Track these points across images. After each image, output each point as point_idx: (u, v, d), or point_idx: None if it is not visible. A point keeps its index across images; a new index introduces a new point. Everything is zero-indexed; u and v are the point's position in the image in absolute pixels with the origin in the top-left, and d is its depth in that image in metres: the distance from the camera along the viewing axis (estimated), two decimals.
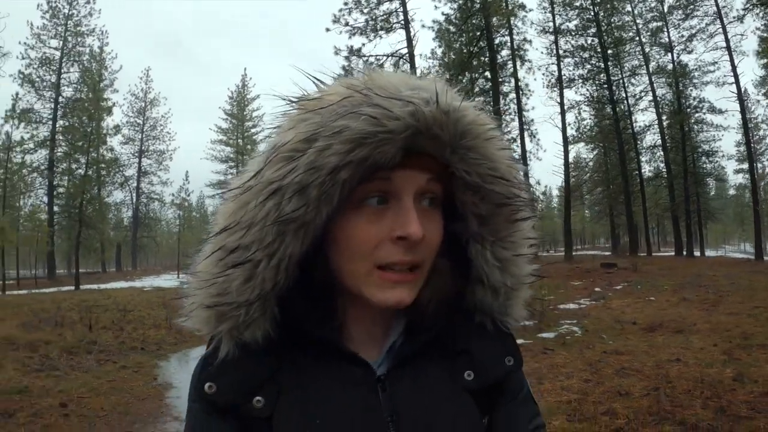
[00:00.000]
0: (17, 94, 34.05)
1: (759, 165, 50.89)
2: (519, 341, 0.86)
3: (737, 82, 24.08)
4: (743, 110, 28.07)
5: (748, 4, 14.01)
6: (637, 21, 34.11)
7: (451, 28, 27.93)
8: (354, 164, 0.66)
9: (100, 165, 35.94)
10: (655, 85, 34.22)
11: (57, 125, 36.12)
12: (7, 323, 11.39)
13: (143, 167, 48.70)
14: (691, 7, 30.03)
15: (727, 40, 27.88)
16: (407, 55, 25.26)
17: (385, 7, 25.30)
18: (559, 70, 33.59)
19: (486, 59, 27.47)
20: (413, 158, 0.70)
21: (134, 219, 48.68)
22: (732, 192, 63.26)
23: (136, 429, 5.49)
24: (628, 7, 33.97)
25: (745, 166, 35.79)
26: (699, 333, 9.07)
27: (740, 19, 16.13)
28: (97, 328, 11.40)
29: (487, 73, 28.04)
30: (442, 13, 28.26)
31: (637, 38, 34.20)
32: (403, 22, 25.29)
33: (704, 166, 35.98)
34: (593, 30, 33.61)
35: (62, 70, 36.64)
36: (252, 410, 0.71)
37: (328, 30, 25.15)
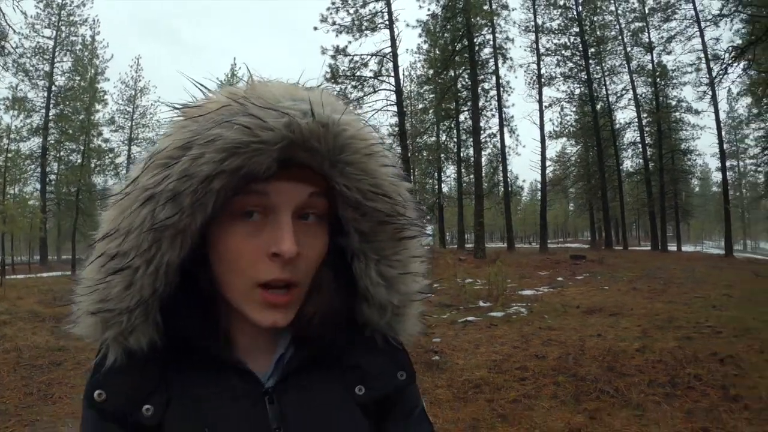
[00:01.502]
0: (17, 85, 34.84)
1: (741, 163, 52.52)
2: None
3: (712, 84, 25.43)
4: (717, 112, 29.22)
5: (723, 10, 15.22)
6: (620, 20, 35.08)
7: (436, 27, 29.14)
8: (227, 174, 0.65)
9: (92, 153, 36.92)
10: (635, 83, 35.32)
11: (50, 114, 36.70)
12: (26, 301, 12.58)
13: (133, 155, 49.18)
14: (670, 10, 31.13)
15: (703, 43, 28.98)
16: (391, 54, 26.57)
17: (371, 7, 26.60)
18: (539, 68, 34.72)
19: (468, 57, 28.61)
20: (293, 171, 0.69)
21: None
22: (715, 189, 64.81)
23: None
24: (612, 7, 34.95)
25: (727, 163, 36.76)
26: (631, 317, 9.95)
27: (715, 23, 17.30)
28: None
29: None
30: (428, 10, 29.44)
31: (620, 37, 35.16)
32: (387, 22, 26.54)
33: (683, 163, 37.22)
34: (576, 29, 34.52)
35: (55, 59, 37.19)
36: (142, 418, 0.70)
37: (316, 29, 26.35)
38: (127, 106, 48.41)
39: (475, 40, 28.68)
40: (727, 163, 37.76)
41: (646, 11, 33.45)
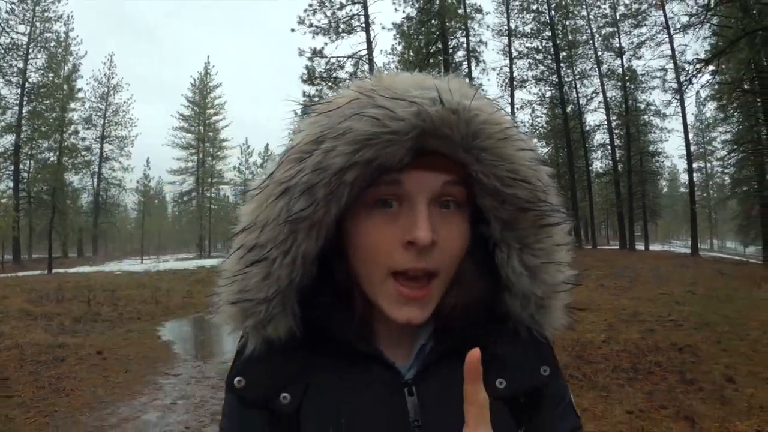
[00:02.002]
0: None
1: (708, 165, 53.84)
2: None
3: (680, 88, 26.15)
4: (684, 117, 29.80)
5: (692, 19, 15.89)
6: (591, 25, 35.37)
7: (411, 30, 29.25)
8: (360, 165, 0.66)
9: (66, 151, 36.51)
10: (605, 87, 35.65)
11: (23, 111, 36.17)
12: (13, 300, 12.78)
13: (105, 153, 48.70)
14: (641, 17, 31.14)
15: (672, 50, 29.17)
16: (367, 56, 26.84)
17: (348, 9, 26.79)
18: (511, 71, 34.89)
19: (442, 59, 28.92)
20: (427, 160, 0.68)
21: (95, 205, 48.58)
22: (683, 189, 65.51)
23: (159, 366, 7.26)
24: (584, 12, 35.35)
25: (694, 165, 37.30)
26: (599, 311, 10.31)
27: (684, 30, 17.99)
28: (94, 304, 12.80)
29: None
30: (403, 12, 29.80)
31: (591, 42, 35.53)
32: (364, 24, 26.83)
33: (651, 165, 37.85)
34: (548, 33, 34.91)
35: (29, 56, 36.68)
36: (279, 405, 0.73)
37: (293, 30, 26.60)
38: (99, 104, 47.96)
39: (449, 44, 29.20)
40: (695, 165, 38.42)
41: (617, 17, 33.92)
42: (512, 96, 34.77)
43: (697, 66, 14.70)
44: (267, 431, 0.75)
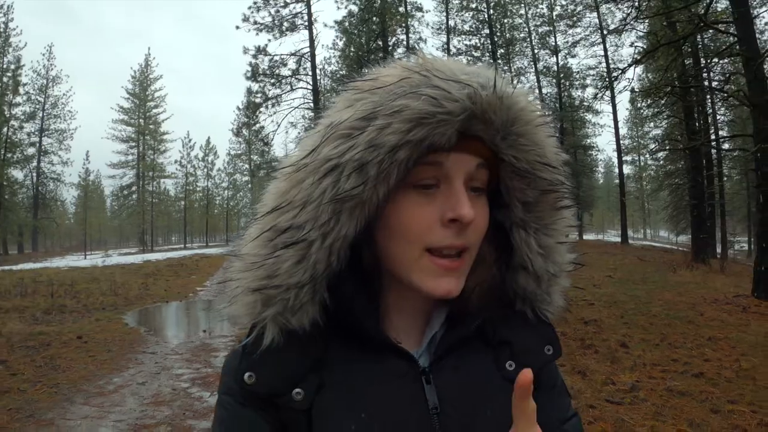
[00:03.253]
0: None
1: (642, 158, 56.25)
2: None
3: (611, 87, 27.71)
4: (615, 113, 31.97)
5: (626, 19, 17.29)
6: (529, 24, 36.88)
7: (353, 28, 30.13)
8: (412, 144, 0.65)
9: (5, 146, 35.98)
10: (541, 83, 37.18)
11: None
12: None
13: (44, 146, 47.60)
14: (575, 18, 32.58)
15: (605, 50, 31.31)
16: (309, 54, 27.81)
17: (291, 7, 27.57)
18: None
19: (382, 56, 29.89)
20: (466, 142, 0.69)
21: (35, 200, 47.58)
22: (617, 181, 67.62)
23: (135, 347, 8.23)
24: (522, 11, 36.75)
25: (628, 158, 38.69)
26: None
27: (618, 32, 19.25)
28: (57, 297, 13.44)
29: None
30: (345, 9, 30.17)
31: (528, 39, 37.03)
32: (307, 23, 27.67)
33: (585, 158, 39.68)
34: (486, 31, 36.00)
35: None
36: (290, 402, 0.69)
37: (238, 28, 27.15)
38: (38, 96, 46.77)
39: (389, 41, 30.29)
40: (629, 157, 40.35)
41: (554, 17, 35.52)
42: None
43: (614, 75, 16.33)
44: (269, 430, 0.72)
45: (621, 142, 41.07)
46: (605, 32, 30.24)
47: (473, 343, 0.79)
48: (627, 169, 53.96)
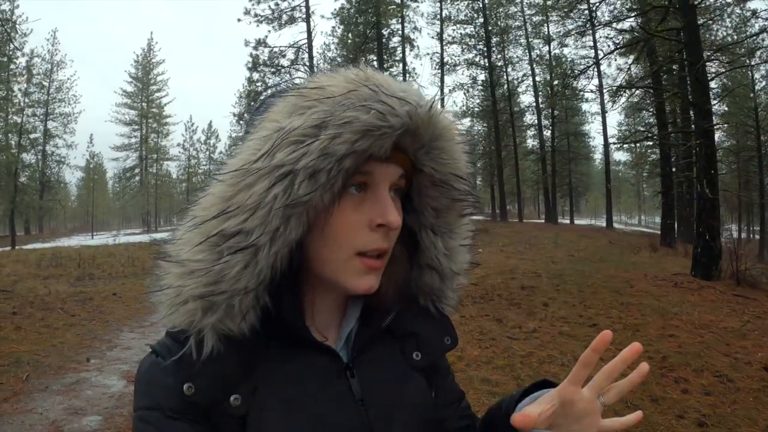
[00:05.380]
0: None
1: (637, 146, 56.77)
2: None
3: (599, 77, 28.51)
4: (602, 103, 32.79)
5: (613, 13, 18.62)
6: (525, 12, 37.13)
7: (349, 19, 31.36)
8: (357, 154, 0.68)
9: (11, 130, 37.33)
10: (535, 71, 37.95)
11: None
12: (15, 267, 14.92)
13: (49, 130, 48.54)
14: (566, 9, 33.87)
15: (594, 41, 31.43)
16: (306, 46, 28.84)
17: (290, 1, 28.53)
18: (442, 57, 37.02)
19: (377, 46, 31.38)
20: (394, 153, 0.73)
21: (41, 183, 48.48)
22: (613, 168, 66.40)
23: None
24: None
25: (625, 145, 38.90)
26: (485, 267, 12.12)
27: (608, 25, 20.01)
28: (84, 267, 15.15)
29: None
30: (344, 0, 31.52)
31: (523, 27, 37.33)
32: (305, 15, 28.55)
33: (578, 145, 40.37)
34: (481, 20, 36.34)
35: None
36: (228, 409, 0.69)
37: (239, 20, 28.28)
38: (43, 80, 47.63)
39: (384, 32, 31.46)
40: (625, 145, 40.85)
41: (547, 6, 34.85)
42: (442, 80, 36.96)
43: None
44: None
45: (618, 129, 42.21)
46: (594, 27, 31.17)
47: (384, 336, 0.86)
48: (623, 156, 55.58)
